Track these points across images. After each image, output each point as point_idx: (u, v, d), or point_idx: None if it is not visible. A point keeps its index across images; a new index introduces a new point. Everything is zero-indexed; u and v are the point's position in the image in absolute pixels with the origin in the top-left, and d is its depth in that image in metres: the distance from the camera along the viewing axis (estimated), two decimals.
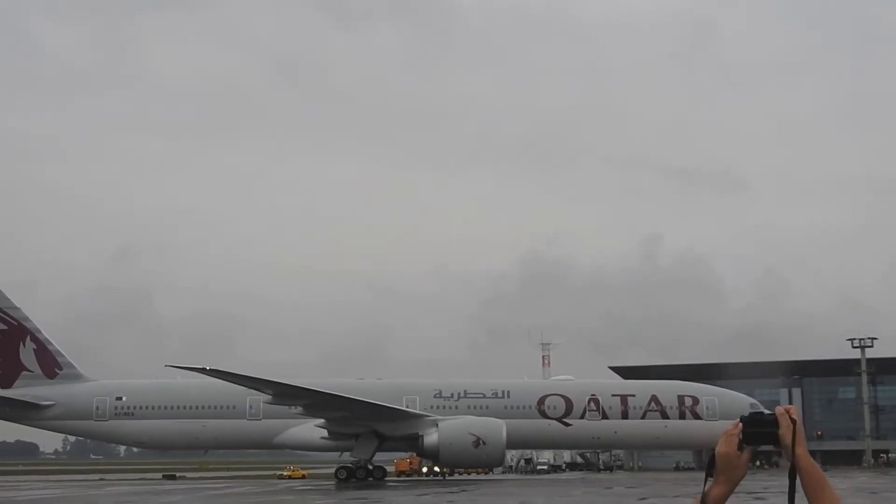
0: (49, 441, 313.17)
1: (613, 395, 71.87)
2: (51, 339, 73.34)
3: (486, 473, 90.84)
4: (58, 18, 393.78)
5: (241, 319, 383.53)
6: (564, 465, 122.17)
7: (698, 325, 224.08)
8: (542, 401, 70.76)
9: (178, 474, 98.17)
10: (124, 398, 70.72)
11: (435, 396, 70.07)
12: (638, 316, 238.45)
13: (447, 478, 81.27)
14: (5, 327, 71.92)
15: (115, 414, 70.39)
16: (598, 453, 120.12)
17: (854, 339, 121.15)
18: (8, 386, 71.13)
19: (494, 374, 73.43)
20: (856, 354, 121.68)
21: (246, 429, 70.11)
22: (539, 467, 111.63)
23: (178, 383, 73.49)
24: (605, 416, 70.67)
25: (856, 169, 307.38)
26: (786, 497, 4.29)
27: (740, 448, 4.17)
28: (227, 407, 70.07)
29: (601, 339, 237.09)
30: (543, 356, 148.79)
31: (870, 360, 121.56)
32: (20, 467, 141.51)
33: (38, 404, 70.26)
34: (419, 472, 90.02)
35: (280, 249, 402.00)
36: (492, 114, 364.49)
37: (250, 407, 69.26)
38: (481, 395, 70.90)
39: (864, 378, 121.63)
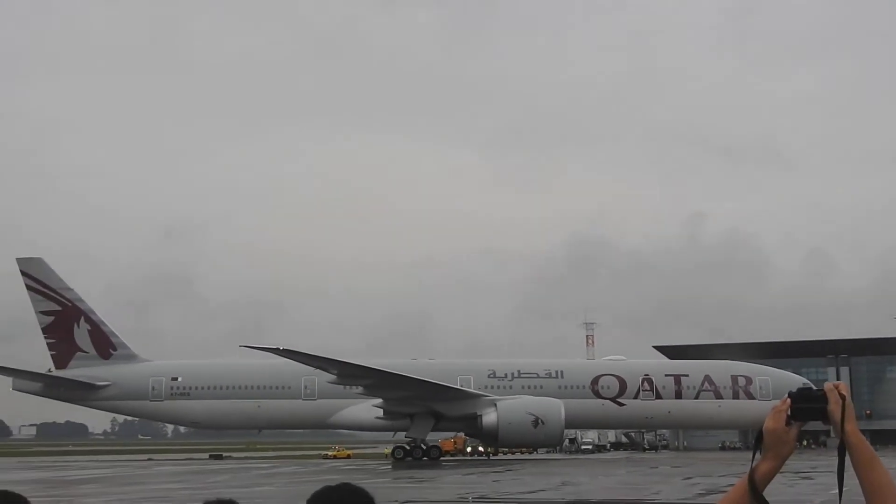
0: (98, 422, 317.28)
1: (667, 376, 71.98)
2: (105, 320, 73.81)
3: (530, 453, 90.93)
4: None
5: (287, 303, 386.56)
6: (609, 445, 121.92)
7: (743, 304, 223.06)
8: (595, 381, 70.98)
9: (224, 454, 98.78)
10: (180, 378, 71.26)
11: (489, 376, 70.23)
12: (682, 295, 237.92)
13: (491, 458, 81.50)
14: (59, 308, 72.28)
15: (171, 394, 70.91)
16: (643, 433, 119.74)
17: None
18: (63, 367, 71.66)
19: (538, 355, 73.25)
20: None
21: (301, 409, 70.59)
22: (583, 447, 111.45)
23: (234, 363, 74.50)
24: (658, 397, 70.85)
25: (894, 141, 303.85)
26: (835, 474, 4.21)
27: (788, 424, 4.10)
28: (283, 387, 70.58)
29: (645, 319, 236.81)
30: (587, 336, 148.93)
31: None
32: (70, 447, 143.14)
33: (93, 385, 70.69)
34: (463, 452, 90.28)
35: (326, 231, 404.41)
36: (534, 91, 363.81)
37: (305, 387, 69.88)
38: (535, 375, 71.03)
39: None
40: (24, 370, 71.88)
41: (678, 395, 71.00)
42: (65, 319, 72.21)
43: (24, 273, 72.95)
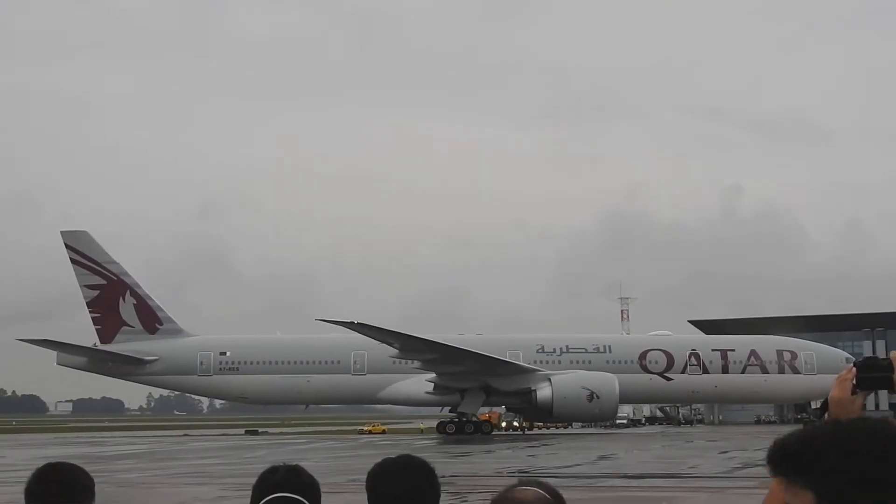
0: (134, 397, 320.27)
1: (713, 350, 72.50)
2: (150, 294, 73.64)
3: (564, 428, 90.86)
4: None
5: (319, 277, 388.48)
6: (644, 419, 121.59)
7: (779, 278, 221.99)
8: (643, 356, 71.47)
9: (259, 430, 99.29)
10: (228, 353, 71.48)
11: (538, 351, 70.50)
12: (718, 270, 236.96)
13: (526, 432, 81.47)
14: (105, 282, 72.01)
15: (220, 369, 71.16)
16: (678, 407, 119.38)
17: None
18: (108, 341, 71.55)
19: (573, 329, 73.48)
20: None
21: (350, 384, 70.89)
22: (618, 421, 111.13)
23: (282, 338, 75.14)
24: (705, 371, 71.41)
25: None
26: None
27: (854, 392, 4.01)
28: (332, 362, 70.98)
29: (681, 294, 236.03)
30: (622, 310, 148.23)
31: None
32: (106, 423, 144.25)
33: (141, 359, 70.75)
34: (498, 427, 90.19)
35: (358, 207, 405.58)
36: (570, 68, 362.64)
37: (355, 362, 70.43)
38: (583, 350, 71.59)
39: None
40: (71, 344, 71.46)
41: (724, 370, 71.64)
42: (110, 293, 71.87)
43: (68, 246, 72.45)
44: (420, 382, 68.21)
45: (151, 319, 72.31)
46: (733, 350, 72.65)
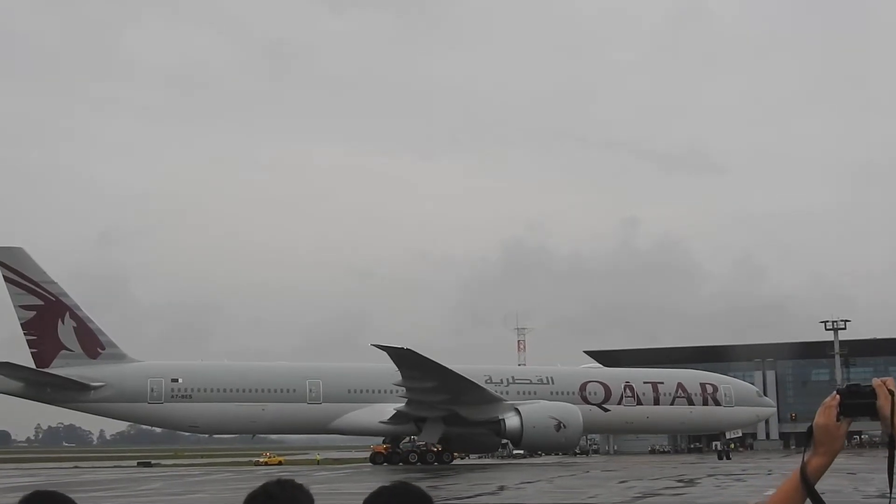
0: (21, 429, 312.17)
1: (645, 383, 75.58)
2: (91, 317, 69.19)
3: (461, 459, 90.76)
4: (38, 3, 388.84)
5: (219, 305, 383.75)
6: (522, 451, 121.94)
7: (675, 309, 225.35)
8: (583, 387, 73.79)
9: (152, 462, 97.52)
10: (181, 380, 68.61)
11: (486, 382, 70.83)
12: (616, 300, 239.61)
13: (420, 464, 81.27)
14: (42, 303, 67.09)
15: (172, 396, 68.17)
16: None
17: (827, 321, 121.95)
18: (45, 365, 66.38)
19: (473, 360, 74.30)
20: (829, 337, 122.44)
21: (305, 413, 69.81)
22: (515, 451, 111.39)
23: (237, 366, 73.16)
24: (639, 403, 74.38)
25: (830, 151, 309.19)
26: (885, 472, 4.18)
27: (838, 419, 4.08)
28: (287, 390, 69.61)
29: (579, 324, 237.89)
30: (519, 341, 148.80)
31: (843, 343, 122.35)
32: None
33: (88, 385, 66.35)
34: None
35: (259, 234, 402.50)
36: (471, 97, 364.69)
37: (310, 390, 69.47)
38: (528, 381, 73.60)
39: (838, 360, 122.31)
40: (12, 363, 65.66)
41: (656, 402, 74.89)
42: (48, 315, 67.05)
43: (1, 264, 67.38)
44: (374, 412, 68.79)
45: (93, 343, 67.87)
46: (662, 383, 75.84)
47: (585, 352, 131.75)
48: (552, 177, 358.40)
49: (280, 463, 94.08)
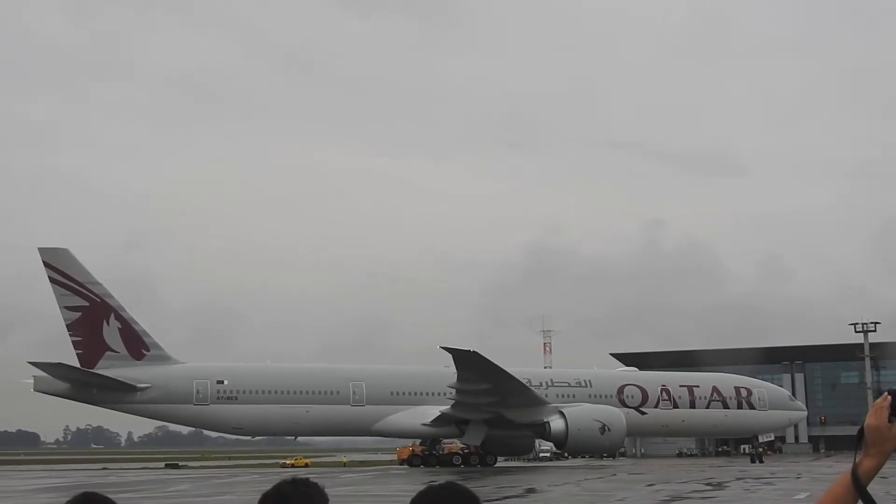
0: (50, 430, 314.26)
1: (681, 386, 76.41)
2: (136, 318, 68.63)
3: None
4: (58, 8, 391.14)
5: (240, 308, 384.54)
6: (566, 453, 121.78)
7: (700, 311, 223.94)
8: (621, 390, 74.52)
9: (180, 463, 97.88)
10: (226, 381, 68.40)
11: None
12: (639, 302, 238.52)
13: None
14: (87, 304, 66.49)
15: (217, 398, 67.88)
16: None
17: (856, 323, 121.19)
18: (90, 367, 65.80)
19: (499, 362, 74.00)
20: (858, 339, 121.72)
21: (348, 415, 69.94)
22: (541, 454, 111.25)
23: (281, 367, 73.22)
24: (675, 406, 75.21)
25: (854, 151, 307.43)
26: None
27: (890, 420, 4.02)
28: (331, 392, 69.74)
29: (603, 326, 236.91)
30: (545, 343, 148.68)
31: (872, 345, 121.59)
32: (21, 456, 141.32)
33: (133, 386, 65.88)
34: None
35: (278, 238, 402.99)
36: (492, 99, 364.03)
37: (354, 393, 69.70)
38: (567, 384, 74.07)
39: (867, 362, 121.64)
40: (62, 363, 65.08)
41: (692, 405, 75.76)
42: (93, 316, 66.50)
43: (47, 265, 66.88)
44: (416, 414, 69.27)
45: (137, 345, 67.41)
46: (698, 386, 76.68)
47: (612, 354, 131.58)
48: (573, 179, 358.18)
49: (306, 465, 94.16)
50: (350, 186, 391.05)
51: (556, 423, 68.06)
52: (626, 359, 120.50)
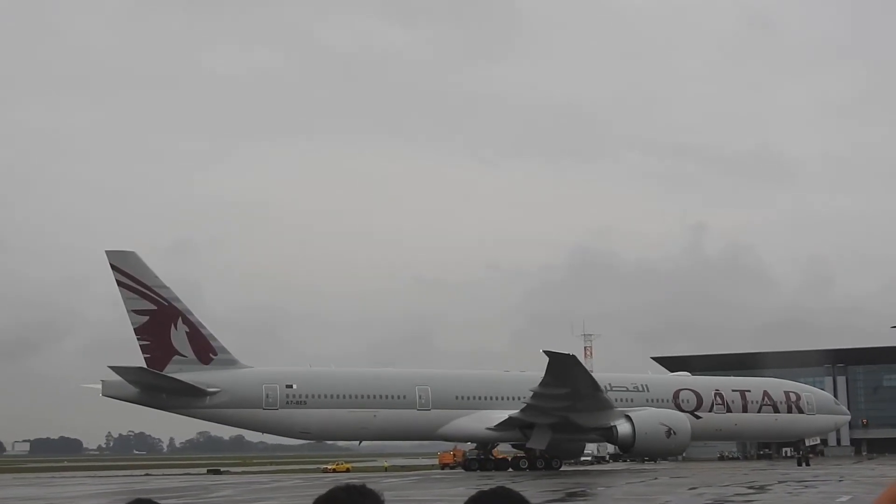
0: (92, 437, 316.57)
1: (734, 391, 77.46)
2: (203, 322, 68.07)
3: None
4: (106, 14, 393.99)
5: (288, 311, 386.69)
6: (608, 456, 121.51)
7: (743, 314, 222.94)
8: (676, 394, 75.29)
9: (221, 469, 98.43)
10: (295, 386, 68.06)
11: None
12: (683, 306, 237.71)
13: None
14: (155, 307, 65.80)
15: (287, 402, 67.50)
16: None
17: None
18: (159, 371, 64.73)
19: (536, 366, 74.07)
20: None
21: (414, 419, 70.19)
22: (583, 458, 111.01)
23: (349, 372, 73.29)
24: (728, 410, 76.19)
25: (894, 151, 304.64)
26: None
27: None
28: (398, 396, 69.87)
29: (646, 330, 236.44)
30: (585, 347, 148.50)
31: None
32: (65, 463, 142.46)
33: (204, 391, 65.26)
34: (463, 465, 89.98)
35: (328, 242, 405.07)
36: (536, 106, 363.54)
37: (420, 397, 69.95)
38: (624, 389, 74.66)
39: None
40: (144, 368, 64.36)
41: (744, 409, 76.79)
42: (161, 319, 65.73)
43: (114, 268, 66.05)
44: (480, 419, 69.67)
45: (205, 349, 66.64)
46: (749, 391, 77.82)
47: (653, 358, 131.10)
48: (623, 184, 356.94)
49: (348, 470, 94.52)
50: (399, 192, 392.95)
51: (623, 427, 68.73)
52: (667, 362, 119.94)
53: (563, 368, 62.95)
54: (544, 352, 62.10)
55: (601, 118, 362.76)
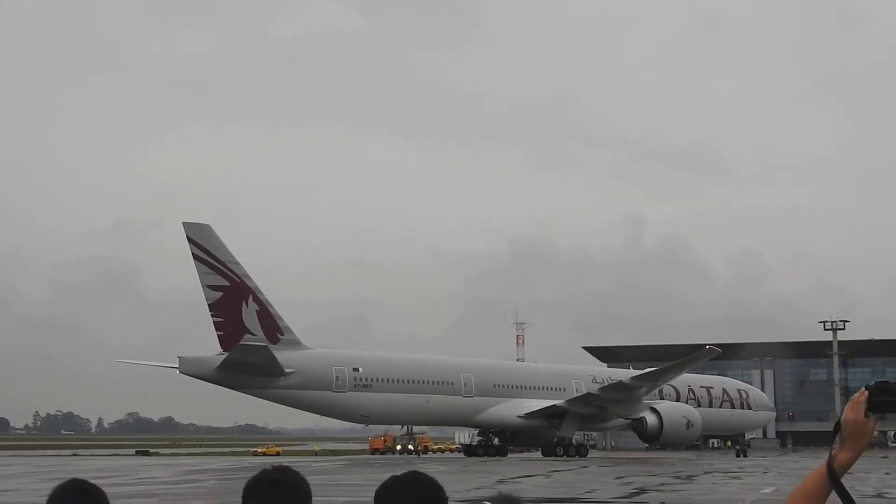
0: (19, 416, 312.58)
1: (702, 387, 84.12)
2: (271, 301, 66.42)
3: (451, 452, 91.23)
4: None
5: None
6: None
7: (678, 306, 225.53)
8: (661, 390, 78.84)
9: (150, 451, 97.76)
10: (361, 370, 67.94)
11: (593, 382, 76.72)
12: (619, 297, 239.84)
13: (420, 455, 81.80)
14: (228, 284, 64.14)
15: (354, 385, 67.32)
16: None
17: (826, 321, 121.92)
18: (229, 349, 63.09)
19: (476, 354, 76.09)
20: (828, 336, 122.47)
21: (459, 405, 71.86)
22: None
23: (406, 357, 74.75)
24: (699, 405, 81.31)
25: (835, 151, 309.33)
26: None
27: (866, 415, 4.18)
28: (446, 382, 71.38)
29: (581, 320, 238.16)
30: (518, 336, 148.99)
31: (841, 343, 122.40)
32: None
33: (282, 370, 63.48)
34: (393, 451, 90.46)
35: (271, 226, 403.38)
36: (479, 96, 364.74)
37: (465, 384, 71.67)
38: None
39: (836, 360, 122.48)
40: (251, 344, 61.87)
41: (710, 405, 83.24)
42: (234, 296, 64.16)
43: (191, 240, 64.47)
44: (513, 407, 72.68)
45: (273, 329, 65.37)
46: (713, 387, 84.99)
47: (584, 347, 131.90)
48: (560, 174, 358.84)
49: (278, 453, 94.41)
50: (342, 175, 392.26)
51: (652, 419, 73.99)
52: (599, 352, 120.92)
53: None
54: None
55: (545, 109, 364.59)
